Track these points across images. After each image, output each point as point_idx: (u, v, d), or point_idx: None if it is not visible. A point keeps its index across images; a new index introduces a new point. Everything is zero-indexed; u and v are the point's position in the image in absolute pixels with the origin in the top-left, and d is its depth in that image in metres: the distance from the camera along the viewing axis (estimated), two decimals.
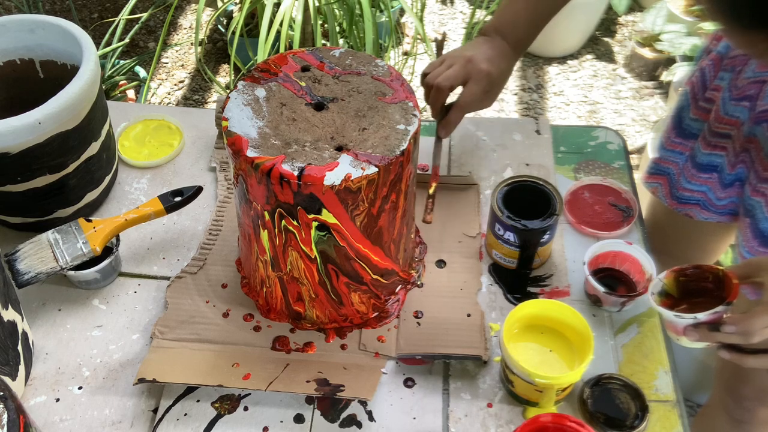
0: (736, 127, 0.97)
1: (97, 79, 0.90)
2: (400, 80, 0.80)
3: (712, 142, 1.02)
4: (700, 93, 1.03)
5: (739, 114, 0.96)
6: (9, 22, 0.95)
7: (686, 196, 1.09)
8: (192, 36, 2.60)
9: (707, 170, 1.04)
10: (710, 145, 1.02)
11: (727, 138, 0.99)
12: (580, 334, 0.80)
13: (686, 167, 1.07)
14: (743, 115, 0.96)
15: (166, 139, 1.09)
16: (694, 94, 1.04)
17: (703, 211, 1.08)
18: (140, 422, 0.80)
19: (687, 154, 1.07)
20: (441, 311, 0.88)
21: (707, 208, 1.07)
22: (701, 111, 1.03)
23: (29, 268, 0.84)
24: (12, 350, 0.78)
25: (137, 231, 0.97)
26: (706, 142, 1.02)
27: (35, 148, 0.85)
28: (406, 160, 0.74)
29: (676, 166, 1.10)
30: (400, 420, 0.80)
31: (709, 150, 1.02)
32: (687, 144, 1.07)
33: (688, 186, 1.08)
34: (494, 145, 1.08)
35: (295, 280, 0.81)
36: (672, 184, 1.11)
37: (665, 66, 2.42)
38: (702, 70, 1.02)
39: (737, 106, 0.96)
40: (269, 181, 0.71)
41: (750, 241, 0.97)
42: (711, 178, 1.05)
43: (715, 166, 1.03)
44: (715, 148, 1.02)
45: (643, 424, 0.78)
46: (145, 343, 0.87)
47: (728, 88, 0.97)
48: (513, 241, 0.89)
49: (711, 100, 1.01)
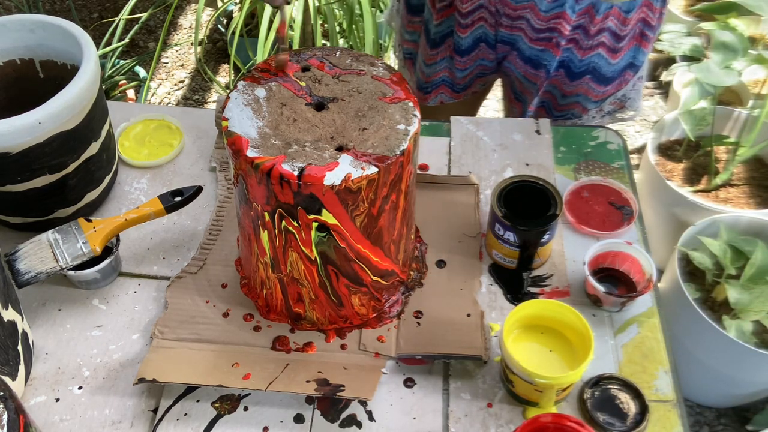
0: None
1: (97, 79, 0.90)
2: (401, 80, 0.80)
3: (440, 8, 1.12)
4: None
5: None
6: (9, 22, 0.95)
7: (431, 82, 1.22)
8: (192, 36, 2.60)
9: (439, 45, 1.15)
10: (439, 13, 1.11)
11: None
12: (580, 334, 0.80)
13: (423, 46, 1.18)
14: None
15: (166, 139, 1.09)
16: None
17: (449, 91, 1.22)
18: (140, 422, 0.80)
19: (419, 32, 1.19)
20: (441, 311, 0.88)
21: (452, 87, 1.20)
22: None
23: (29, 268, 0.84)
24: (12, 350, 0.78)
25: (137, 231, 0.97)
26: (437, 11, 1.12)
27: (35, 148, 0.85)
28: (406, 160, 0.74)
29: (416, 47, 1.22)
30: (400, 420, 0.80)
31: (439, 19, 1.13)
32: (418, 21, 1.19)
33: (427, 70, 1.19)
34: (494, 145, 1.08)
35: (296, 282, 0.81)
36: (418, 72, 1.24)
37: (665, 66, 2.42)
38: None
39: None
40: (269, 181, 0.71)
41: (522, 67, 1.14)
42: (446, 50, 1.16)
43: (446, 36, 1.14)
44: (443, 16, 1.12)
45: (643, 424, 0.78)
46: (145, 343, 0.87)
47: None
48: (513, 241, 0.89)
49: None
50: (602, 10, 1.03)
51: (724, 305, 1.47)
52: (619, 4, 1.03)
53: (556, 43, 1.08)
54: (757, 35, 1.98)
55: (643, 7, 1.05)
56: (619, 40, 1.08)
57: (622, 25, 1.06)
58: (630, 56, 1.10)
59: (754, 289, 1.41)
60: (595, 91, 1.14)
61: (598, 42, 1.08)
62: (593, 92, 1.14)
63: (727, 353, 1.44)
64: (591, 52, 1.09)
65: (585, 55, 1.09)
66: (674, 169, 1.80)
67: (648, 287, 0.87)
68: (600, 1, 1.03)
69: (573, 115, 1.17)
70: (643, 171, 1.87)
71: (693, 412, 1.65)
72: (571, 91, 1.14)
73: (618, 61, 1.10)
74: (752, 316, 1.42)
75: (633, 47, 1.09)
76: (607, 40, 1.08)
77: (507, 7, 1.06)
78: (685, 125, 1.68)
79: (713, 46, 1.63)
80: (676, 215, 1.71)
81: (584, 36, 1.07)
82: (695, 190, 1.73)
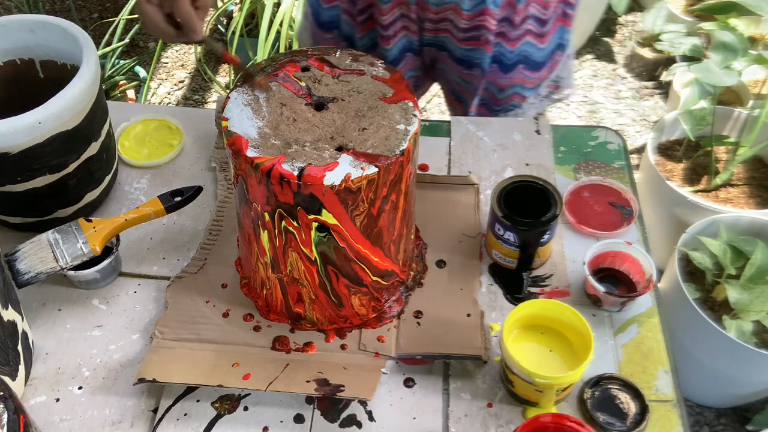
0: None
1: (97, 79, 0.90)
2: (400, 80, 0.80)
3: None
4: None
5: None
6: (9, 22, 0.95)
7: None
8: None
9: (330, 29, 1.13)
10: (362, 26, 1.09)
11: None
12: (580, 334, 0.80)
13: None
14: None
15: (166, 139, 1.09)
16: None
17: None
18: (140, 422, 0.80)
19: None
20: (441, 311, 0.88)
21: None
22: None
23: (29, 268, 0.84)
24: (12, 350, 0.78)
25: (137, 231, 0.97)
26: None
27: (35, 148, 0.85)
28: (406, 160, 0.74)
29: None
30: (400, 420, 0.80)
31: (328, 4, 1.10)
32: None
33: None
34: (494, 145, 1.08)
35: (296, 282, 0.81)
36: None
37: (665, 66, 2.42)
38: None
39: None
40: (269, 181, 0.71)
41: (456, 68, 1.12)
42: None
43: (371, 48, 1.13)
44: (366, 29, 1.09)
45: (643, 424, 0.78)
46: (145, 343, 0.87)
47: None
48: (513, 241, 0.89)
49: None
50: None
51: (724, 305, 1.47)
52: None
53: (485, 41, 1.07)
54: (757, 35, 1.98)
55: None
56: (544, 24, 1.07)
57: (545, 9, 1.06)
58: (557, 38, 1.10)
59: (754, 289, 1.41)
60: (530, 79, 1.13)
61: (525, 30, 1.07)
62: (528, 80, 1.13)
63: (727, 353, 1.44)
64: (519, 42, 1.08)
65: (514, 46, 1.08)
66: (674, 169, 1.80)
67: (648, 287, 0.87)
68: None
69: (513, 106, 1.16)
70: (643, 171, 1.87)
71: (693, 412, 1.65)
72: (507, 83, 1.13)
73: (546, 45, 1.10)
74: (752, 316, 1.42)
75: (558, 28, 1.09)
76: (533, 26, 1.07)
77: (428, 11, 1.05)
78: (685, 125, 1.68)
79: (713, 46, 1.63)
80: (676, 215, 1.72)
81: (510, 27, 1.06)
82: (695, 190, 1.73)
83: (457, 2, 1.02)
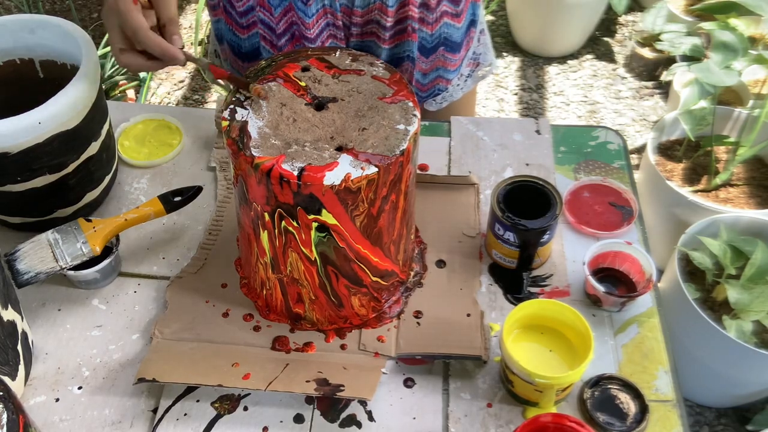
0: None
1: (97, 79, 0.90)
2: (400, 80, 0.80)
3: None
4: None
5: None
6: (9, 22, 0.95)
7: None
8: (192, 36, 2.60)
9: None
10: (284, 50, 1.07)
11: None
12: (580, 334, 0.80)
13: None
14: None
15: (166, 139, 1.09)
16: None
17: None
18: (140, 422, 0.80)
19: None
20: (441, 311, 0.88)
21: None
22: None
23: (29, 268, 0.84)
24: (12, 350, 0.78)
25: (137, 231, 0.97)
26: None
27: (35, 148, 0.85)
28: (406, 160, 0.74)
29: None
30: (400, 420, 0.80)
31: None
32: None
33: None
34: (494, 145, 1.08)
35: (295, 282, 0.81)
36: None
37: (665, 66, 2.42)
38: None
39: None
40: (269, 181, 0.71)
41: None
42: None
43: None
44: (292, 46, 1.07)
45: (643, 424, 0.78)
46: (145, 343, 0.87)
47: None
48: (513, 241, 0.89)
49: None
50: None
51: (724, 305, 1.47)
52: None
53: (411, 30, 1.05)
54: (757, 35, 1.98)
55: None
56: (458, 4, 1.07)
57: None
58: (470, 14, 1.10)
59: (754, 289, 1.41)
60: (451, 60, 1.13)
61: (442, 12, 1.06)
62: (449, 62, 1.13)
63: (727, 353, 1.44)
64: (438, 24, 1.07)
65: (433, 29, 1.08)
66: (674, 169, 1.80)
67: (648, 287, 0.87)
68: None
69: (439, 90, 1.15)
70: (643, 171, 1.87)
71: (693, 412, 1.65)
72: (429, 67, 1.12)
73: (462, 24, 1.10)
74: (752, 316, 1.42)
75: (470, 5, 1.09)
76: (449, 7, 1.06)
77: (354, 15, 1.04)
78: (685, 125, 1.68)
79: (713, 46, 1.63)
80: (676, 215, 1.72)
81: (428, 12, 1.05)
82: (695, 190, 1.73)
83: (382, 0, 1.01)
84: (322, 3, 1.01)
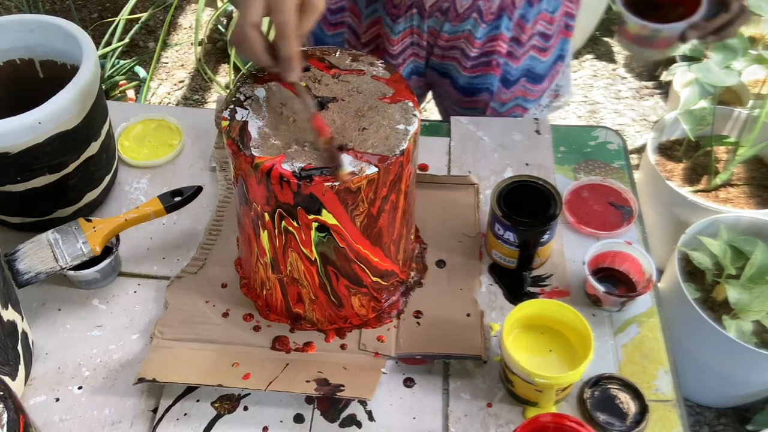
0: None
1: (97, 79, 0.90)
2: (400, 80, 0.79)
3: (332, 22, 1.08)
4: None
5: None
6: (9, 22, 0.95)
7: None
8: (192, 36, 2.60)
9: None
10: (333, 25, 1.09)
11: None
12: (580, 334, 0.80)
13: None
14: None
15: (166, 139, 1.09)
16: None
17: None
18: (140, 422, 0.80)
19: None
20: (441, 311, 0.88)
21: None
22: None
23: (29, 268, 0.84)
24: (12, 350, 0.78)
25: (137, 231, 0.97)
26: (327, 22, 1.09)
27: (35, 148, 0.85)
28: (406, 160, 0.74)
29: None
30: (399, 420, 0.80)
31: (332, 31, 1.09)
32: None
33: None
34: (494, 145, 1.08)
35: (295, 282, 0.81)
36: None
37: (665, 66, 2.42)
38: None
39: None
40: (269, 181, 0.71)
41: (455, 96, 1.14)
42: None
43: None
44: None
45: (643, 424, 0.78)
46: (145, 343, 0.87)
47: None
48: (513, 241, 0.89)
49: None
50: (531, 18, 1.04)
51: (724, 305, 1.47)
52: (546, 7, 1.04)
53: (495, 65, 1.08)
54: (757, 35, 1.98)
55: (566, 1, 1.06)
56: (548, 39, 1.08)
57: (550, 25, 1.07)
58: (558, 49, 1.11)
59: (754, 289, 1.41)
60: (532, 91, 1.14)
61: (530, 46, 1.08)
62: (530, 92, 1.14)
63: (727, 353, 1.44)
64: (524, 58, 1.09)
65: (519, 63, 1.09)
66: (674, 169, 1.80)
67: (648, 287, 0.87)
68: (528, 10, 1.03)
69: (513, 116, 1.17)
70: (643, 171, 1.87)
71: (693, 412, 1.65)
72: (509, 97, 1.14)
73: (548, 57, 1.11)
74: (752, 316, 1.42)
75: (560, 40, 1.10)
76: (538, 42, 1.08)
77: (440, 39, 1.05)
78: (685, 125, 1.68)
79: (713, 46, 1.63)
80: (676, 215, 1.72)
81: (517, 46, 1.07)
82: (695, 190, 1.73)
83: (470, 30, 1.02)
84: (410, 23, 1.02)
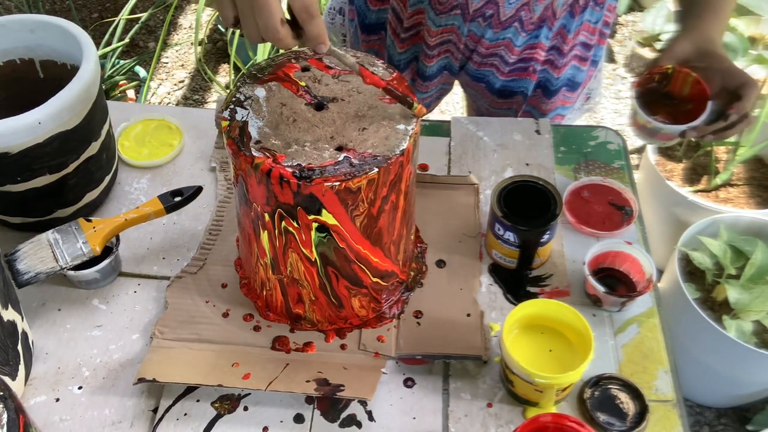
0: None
1: (97, 79, 0.90)
2: (400, 80, 0.79)
3: (403, 37, 1.11)
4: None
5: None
6: (9, 22, 0.95)
7: None
8: (192, 36, 2.60)
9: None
10: (404, 42, 1.11)
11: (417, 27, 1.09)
12: (580, 334, 0.80)
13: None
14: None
15: (166, 139, 1.09)
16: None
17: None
18: (140, 422, 0.80)
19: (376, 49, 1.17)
20: (441, 311, 0.88)
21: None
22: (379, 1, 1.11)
23: (29, 268, 0.84)
24: (12, 350, 0.78)
25: (137, 231, 0.97)
26: (398, 38, 1.11)
27: (35, 148, 0.85)
28: (406, 160, 0.74)
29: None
30: (400, 420, 0.80)
31: (403, 48, 1.12)
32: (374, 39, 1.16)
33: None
34: (494, 145, 1.08)
35: (296, 283, 0.81)
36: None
37: None
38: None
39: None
40: (269, 181, 0.71)
41: (489, 98, 1.16)
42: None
43: (411, 61, 1.14)
44: (409, 44, 1.11)
45: (643, 424, 0.78)
46: (145, 343, 0.87)
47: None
48: (513, 241, 0.89)
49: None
50: (573, 29, 1.05)
51: (724, 305, 1.47)
52: (589, 18, 1.05)
53: (532, 71, 1.09)
54: (757, 35, 1.98)
55: (606, 11, 1.07)
56: (589, 49, 1.10)
57: (591, 35, 1.08)
58: (593, 56, 1.13)
59: (754, 289, 1.41)
60: (569, 99, 1.16)
61: (572, 56, 1.09)
62: (568, 100, 1.16)
63: (727, 353, 1.44)
64: (566, 68, 1.10)
65: (560, 73, 1.11)
66: (674, 169, 1.80)
67: (648, 287, 0.87)
68: (570, 21, 1.04)
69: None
70: (643, 171, 1.87)
71: (693, 412, 1.65)
72: (549, 108, 1.16)
73: (587, 66, 1.13)
74: (752, 316, 1.42)
75: (595, 47, 1.11)
76: (580, 51, 1.09)
77: (480, 45, 1.06)
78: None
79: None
80: (676, 215, 1.72)
81: (558, 56, 1.08)
82: (695, 190, 1.73)
83: (510, 38, 1.04)
84: (452, 22, 1.03)
